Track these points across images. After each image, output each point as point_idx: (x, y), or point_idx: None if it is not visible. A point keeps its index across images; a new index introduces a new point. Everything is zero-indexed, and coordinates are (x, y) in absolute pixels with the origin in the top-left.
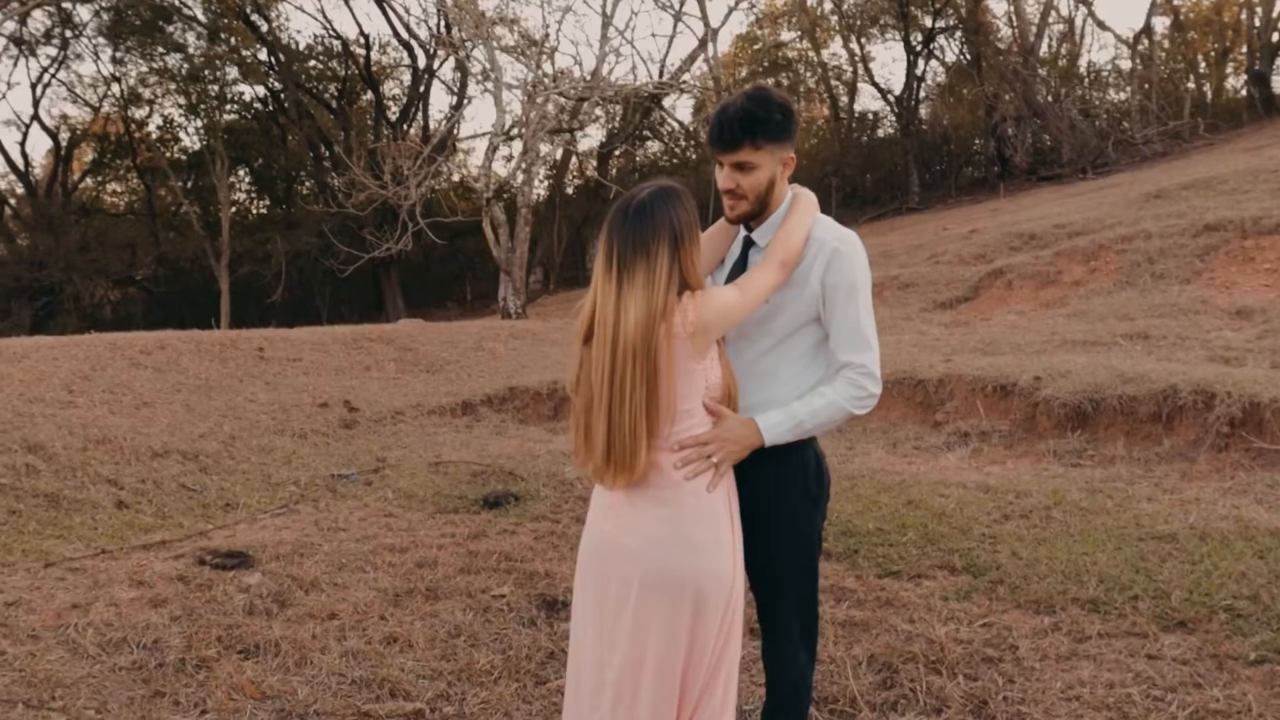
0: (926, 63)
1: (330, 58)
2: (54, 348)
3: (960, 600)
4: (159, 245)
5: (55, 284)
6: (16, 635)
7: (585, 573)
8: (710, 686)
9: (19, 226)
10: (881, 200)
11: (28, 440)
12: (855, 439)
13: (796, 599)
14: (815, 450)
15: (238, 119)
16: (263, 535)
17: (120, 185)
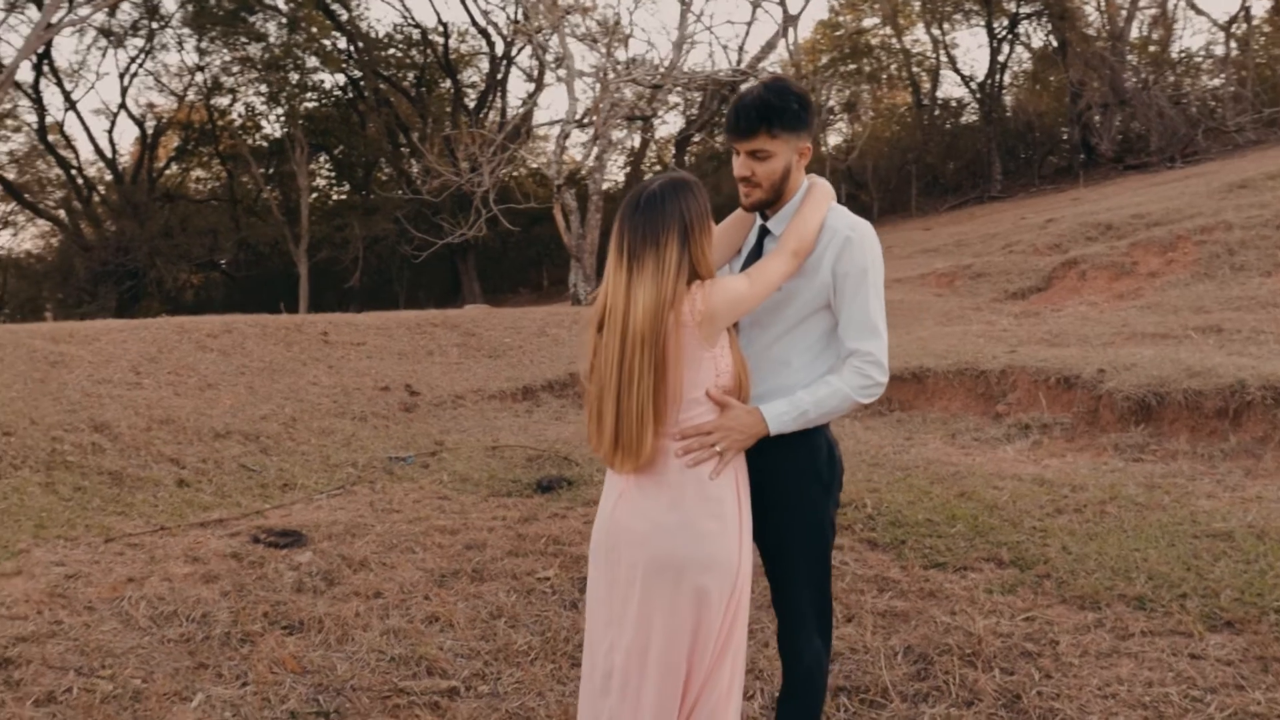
0: (1011, 49)
1: (409, 46)
2: (123, 330)
3: (1004, 594)
4: (240, 231)
5: (139, 268)
6: (74, 606)
7: (596, 557)
8: (716, 671)
9: (106, 212)
10: (963, 189)
11: (95, 420)
12: (914, 429)
13: (809, 585)
14: (827, 437)
15: (318, 106)
16: (318, 515)
17: (205, 172)
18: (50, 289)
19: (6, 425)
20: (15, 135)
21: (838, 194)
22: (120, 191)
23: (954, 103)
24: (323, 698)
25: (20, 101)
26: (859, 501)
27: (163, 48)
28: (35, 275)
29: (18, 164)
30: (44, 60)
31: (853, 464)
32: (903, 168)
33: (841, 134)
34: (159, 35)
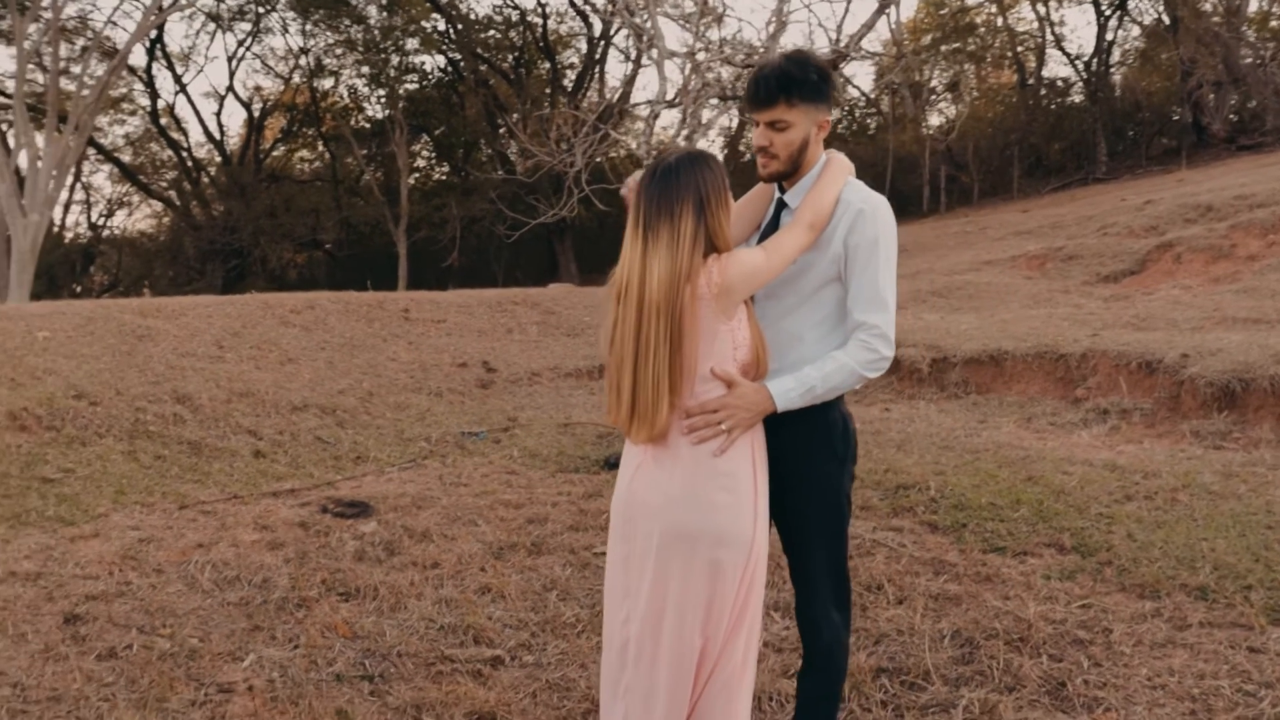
0: (1120, 25)
1: (508, 27)
2: (209, 306)
3: (1063, 580)
4: (341, 211)
5: (244, 247)
6: (143, 568)
7: (614, 530)
8: (730, 644)
9: (215, 193)
10: (1066, 170)
11: (177, 391)
12: (989, 412)
13: (826, 560)
14: (841, 411)
15: (419, 88)
16: (387, 487)
17: (309, 153)
18: (161, 267)
19: (93, 395)
20: (131, 119)
21: (938, 176)
22: (228, 172)
23: (1060, 82)
24: (369, 662)
25: (135, 86)
26: (922, 484)
27: (268, 31)
28: (147, 254)
29: (133, 146)
30: (156, 44)
31: (921, 446)
32: (1005, 149)
33: (943, 115)
34: (265, 19)
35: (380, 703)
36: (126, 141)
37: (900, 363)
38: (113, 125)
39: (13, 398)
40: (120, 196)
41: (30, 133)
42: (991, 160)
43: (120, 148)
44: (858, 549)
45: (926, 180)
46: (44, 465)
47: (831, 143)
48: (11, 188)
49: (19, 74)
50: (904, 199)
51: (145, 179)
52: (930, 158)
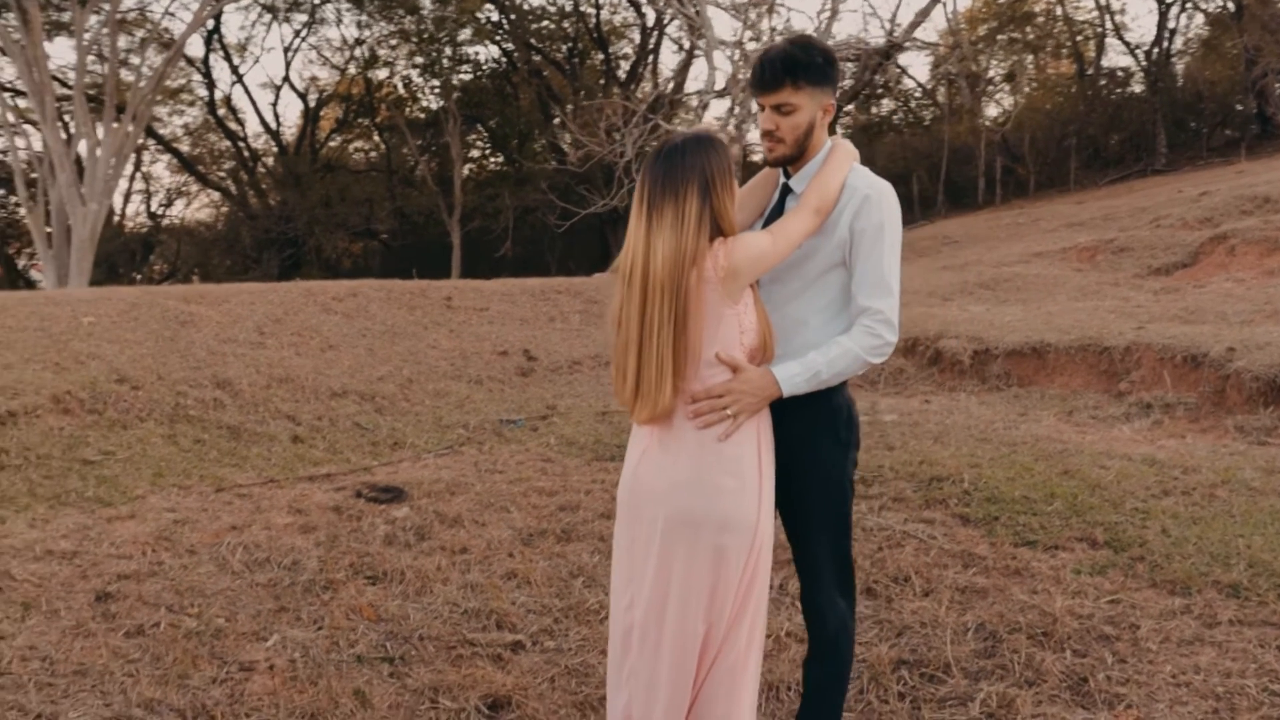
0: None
1: (561, 18)
2: (252, 293)
3: (1093, 574)
4: (395, 200)
5: (299, 236)
6: (176, 549)
7: (619, 514)
8: (735, 630)
9: (271, 183)
10: (1125, 162)
11: (218, 377)
12: (1030, 405)
13: (831, 546)
14: (846, 396)
15: (473, 79)
16: (422, 473)
17: (365, 143)
18: (218, 256)
19: (135, 380)
20: (190, 109)
21: (993, 167)
22: (283, 162)
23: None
24: (390, 644)
25: (193, 77)
26: (956, 476)
27: (323, 21)
28: (204, 243)
29: (191, 137)
30: (214, 35)
31: (958, 438)
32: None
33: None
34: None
35: (399, 684)
36: (185, 132)
37: (941, 354)
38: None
39: (57, 381)
40: (179, 186)
41: (90, 123)
42: (1048, 152)
43: (179, 138)
44: (887, 540)
45: (981, 172)
46: (85, 448)
47: (886, 133)
48: (71, 177)
49: (79, 65)
50: (958, 191)
51: (203, 169)
52: (986, 149)
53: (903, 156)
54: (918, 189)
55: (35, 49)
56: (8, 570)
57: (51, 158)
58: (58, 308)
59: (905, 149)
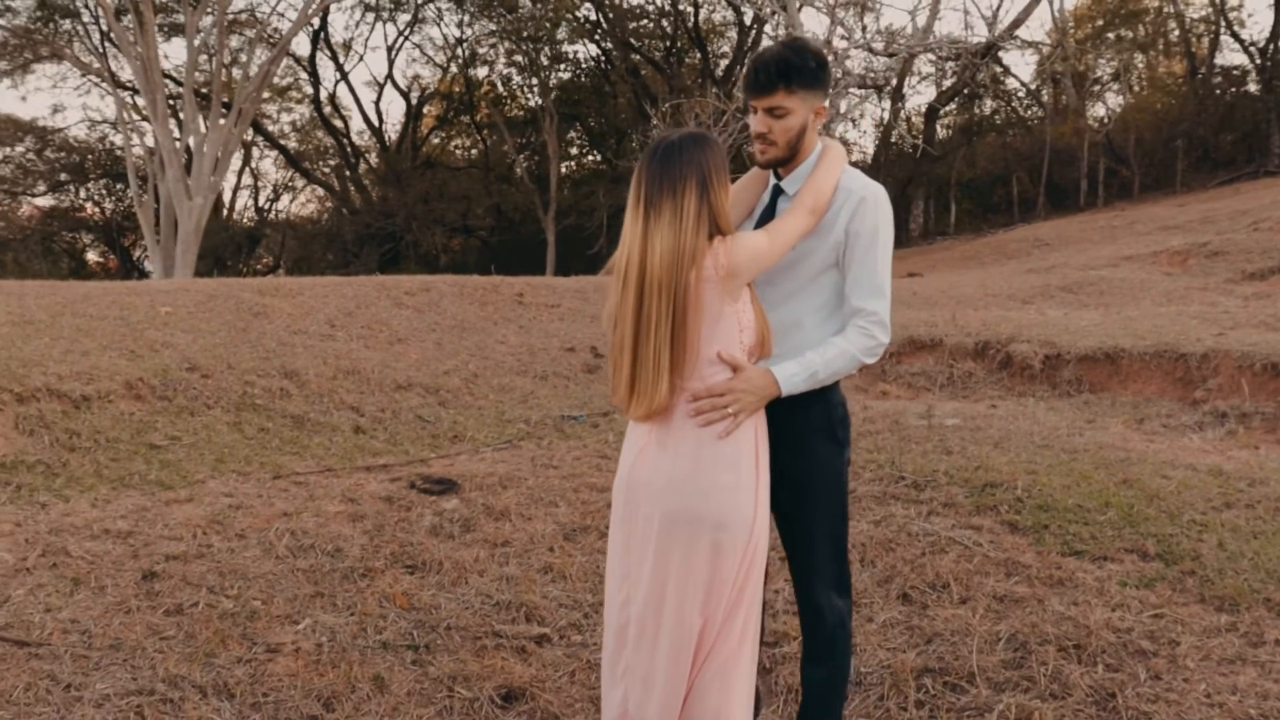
0: None
1: (660, 16)
2: (326, 287)
3: (1139, 587)
4: (491, 197)
5: (398, 231)
6: (227, 533)
7: (615, 512)
8: (728, 624)
9: (373, 179)
10: (1237, 163)
11: (286, 367)
12: (1099, 412)
13: (829, 542)
14: (840, 395)
15: (571, 78)
16: (478, 466)
17: (467, 139)
18: (320, 250)
19: (205, 369)
20: (298, 106)
21: (1095, 168)
22: (385, 159)
23: (1234, 70)
24: (417, 632)
25: (300, 75)
26: (1010, 483)
27: (424, 20)
28: (307, 236)
29: (299, 133)
30: (320, 34)
31: (1018, 444)
32: (1170, 141)
33: (1106, 105)
34: (423, 9)
35: (420, 672)
36: (293, 129)
37: (1012, 358)
38: (280, 113)
39: (130, 368)
40: (285, 181)
41: (197, 120)
42: (1155, 153)
43: (287, 135)
44: (931, 546)
45: (1084, 173)
46: (153, 432)
47: (986, 133)
48: (179, 173)
49: (189, 65)
50: (1060, 193)
51: (308, 165)
52: (1089, 150)
53: (1003, 157)
54: (1018, 190)
55: (149, 49)
56: (65, 547)
57: (161, 153)
58: (138, 297)
59: (1006, 150)
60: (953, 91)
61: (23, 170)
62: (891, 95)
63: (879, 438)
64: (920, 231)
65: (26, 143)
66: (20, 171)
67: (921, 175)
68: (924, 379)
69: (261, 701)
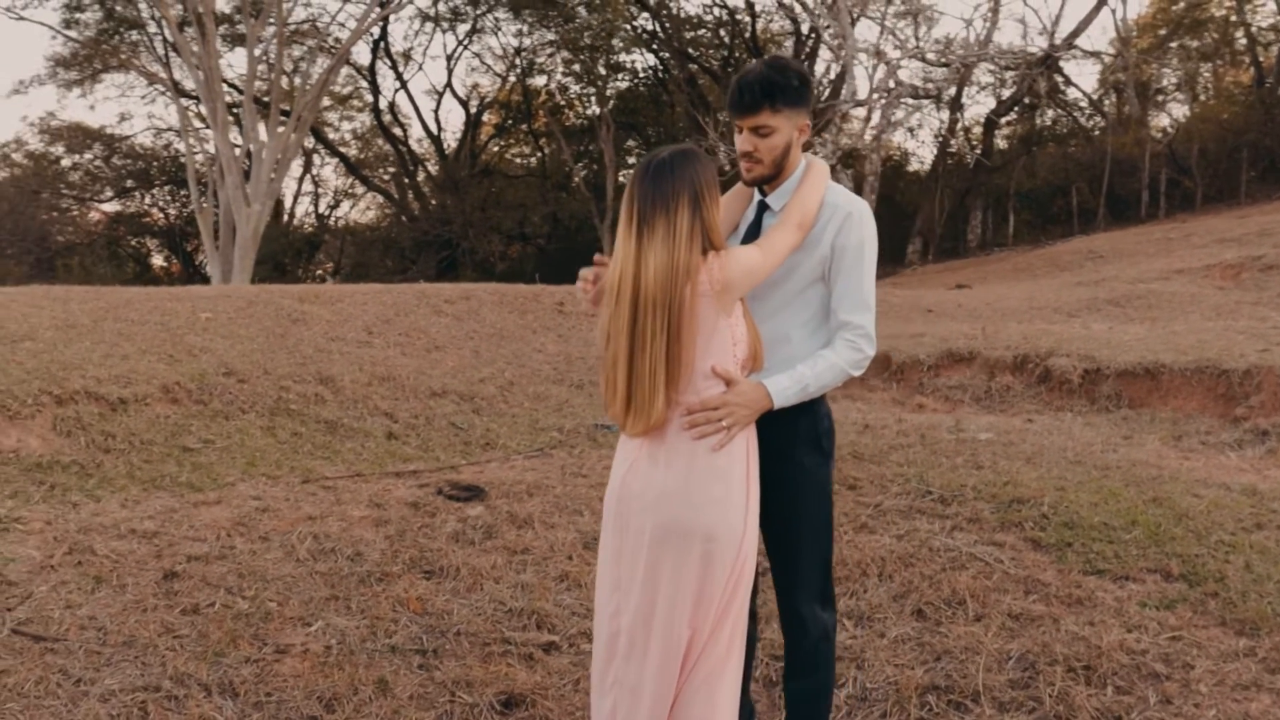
0: None
1: (718, 26)
2: (365, 294)
3: (1159, 609)
4: (548, 205)
5: (455, 239)
6: (250, 535)
7: (606, 523)
8: (715, 636)
9: (430, 186)
10: None
11: (321, 373)
12: (1136, 428)
13: (816, 553)
14: (826, 407)
15: (628, 87)
16: (507, 474)
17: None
18: (378, 256)
19: (242, 374)
20: (360, 115)
21: (1157, 179)
22: (443, 167)
23: None
24: (426, 637)
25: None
26: (1037, 499)
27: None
28: (366, 243)
29: (360, 141)
30: (379, 44)
31: (1050, 459)
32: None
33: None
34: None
35: (425, 676)
36: (354, 137)
37: (1050, 372)
38: (342, 121)
39: (168, 372)
40: (346, 188)
41: (257, 128)
42: (1219, 163)
43: (348, 142)
44: (951, 562)
45: (1145, 185)
46: (187, 435)
47: (1046, 143)
48: (238, 179)
49: (249, 74)
50: (1121, 204)
51: (368, 172)
52: (1151, 161)
53: (1063, 168)
54: (1077, 201)
55: (210, 59)
56: (91, 546)
57: (221, 161)
58: (179, 303)
59: (1067, 160)
60: (1012, 101)
61: (91, 176)
62: (950, 105)
63: (910, 451)
64: (978, 243)
65: (95, 150)
66: (88, 178)
67: (979, 185)
68: (961, 392)
69: (264, 701)
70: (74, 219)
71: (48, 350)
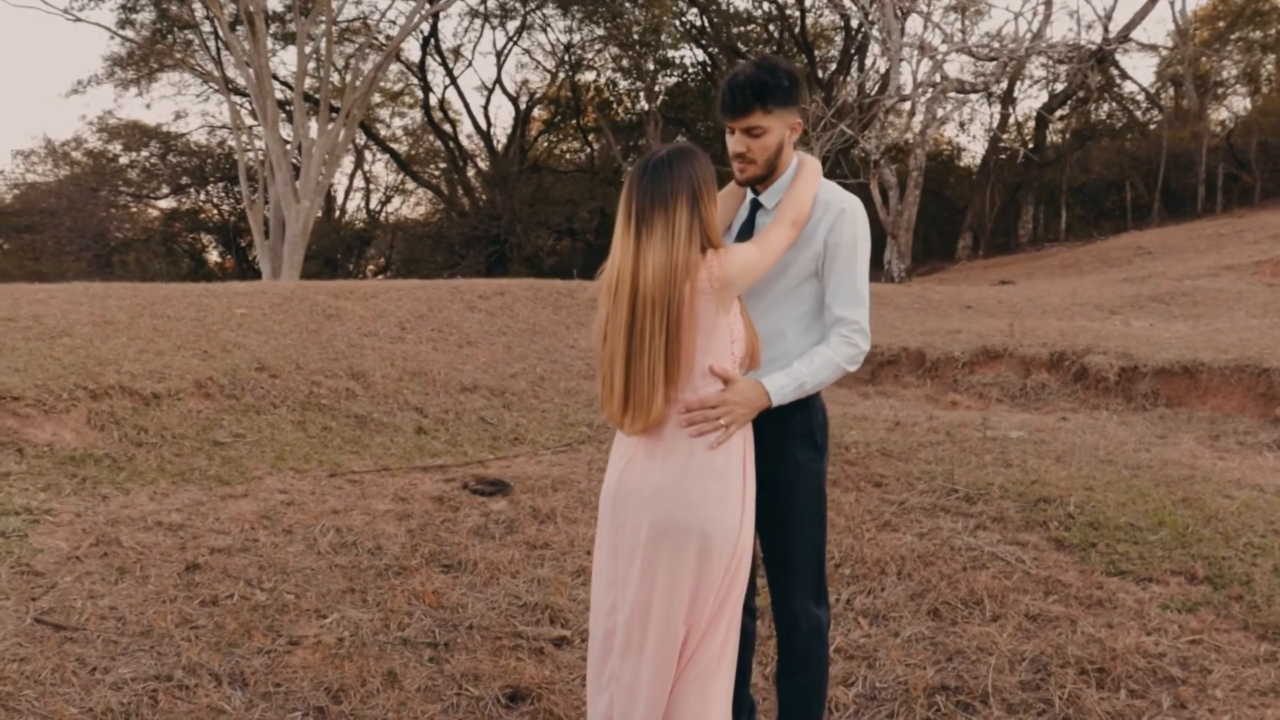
0: None
1: (767, 21)
2: (400, 290)
3: (1181, 611)
4: (596, 200)
5: (503, 234)
6: (274, 528)
7: (602, 520)
8: (710, 633)
9: (480, 182)
10: None
11: (353, 368)
12: (1172, 427)
13: (810, 548)
14: (820, 402)
15: (677, 83)
16: (534, 469)
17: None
18: (428, 251)
19: (274, 369)
20: (411, 111)
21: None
22: (493, 162)
23: None
24: (439, 630)
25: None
26: (1064, 498)
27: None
28: (416, 239)
29: (410, 137)
30: (430, 40)
31: (1081, 458)
32: None
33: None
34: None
35: (434, 669)
36: (405, 133)
37: (1087, 370)
38: (393, 118)
39: (201, 367)
40: (397, 184)
41: (307, 124)
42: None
43: (399, 139)
44: (972, 561)
45: (1202, 179)
46: (218, 429)
47: (1101, 138)
48: (287, 176)
49: (299, 71)
50: (1177, 199)
51: (418, 168)
52: (1208, 155)
53: (1118, 162)
54: (1132, 196)
55: (260, 57)
56: (117, 538)
57: (271, 157)
58: (215, 299)
59: (1121, 154)
60: (1064, 96)
61: (147, 174)
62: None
63: (938, 449)
64: (1029, 239)
65: (151, 147)
66: (145, 175)
67: (1031, 181)
68: (996, 389)
69: (272, 692)
70: (132, 216)
71: (84, 346)
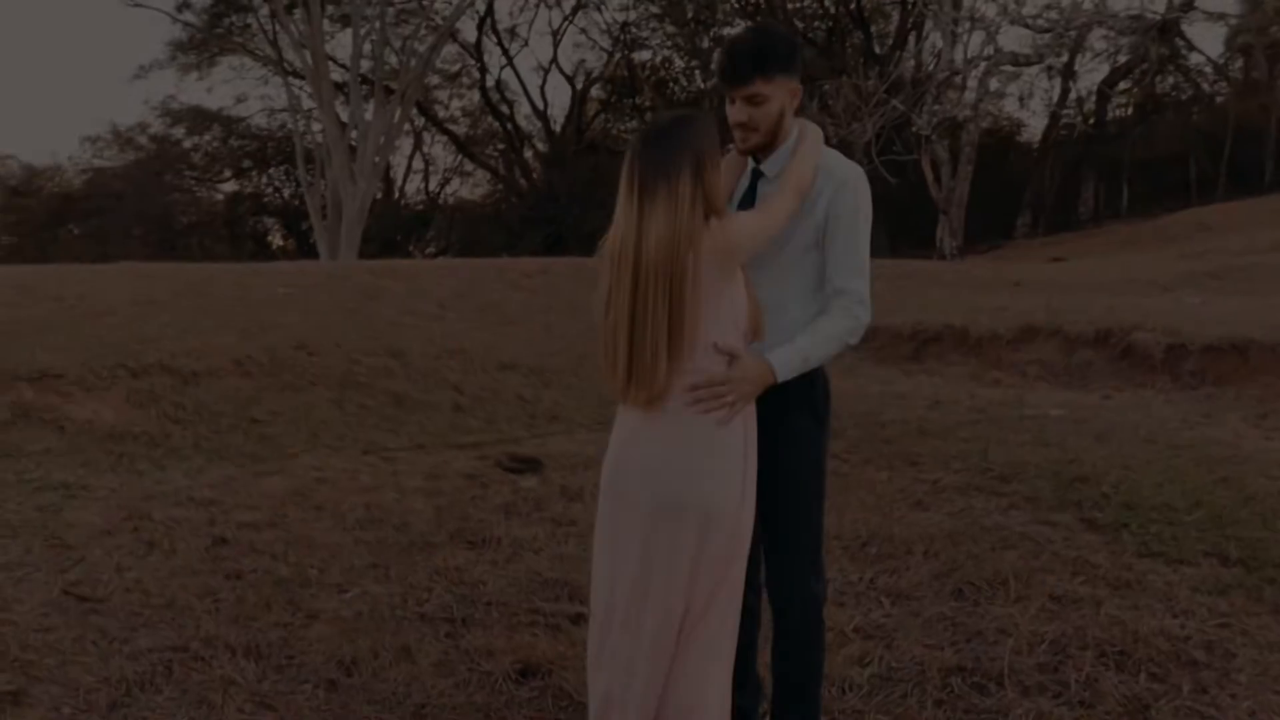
0: None
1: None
2: (442, 269)
3: (1211, 594)
4: None
5: (560, 214)
6: (304, 505)
7: (604, 494)
8: (710, 610)
9: (538, 163)
10: None
11: (392, 347)
12: (1218, 407)
13: (808, 521)
14: (823, 373)
15: None
16: (568, 446)
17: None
18: (486, 232)
19: (313, 347)
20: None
21: None
22: (550, 143)
23: None
24: (457, 606)
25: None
26: (1099, 478)
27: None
28: (474, 219)
29: (469, 118)
30: (485, 20)
31: (1121, 437)
32: None
33: None
34: None
35: (449, 644)
36: (463, 114)
37: (1132, 348)
38: (451, 99)
39: (241, 346)
40: (455, 166)
41: (363, 107)
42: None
43: (457, 120)
44: (1001, 541)
45: (1272, 152)
46: (255, 407)
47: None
48: (344, 158)
49: (354, 53)
50: (1243, 174)
51: (476, 149)
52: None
53: (1182, 136)
54: (1196, 171)
55: (315, 38)
56: (149, 513)
57: (328, 140)
58: (259, 278)
59: (1186, 128)
60: (1126, 68)
61: (210, 158)
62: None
63: (976, 427)
64: (1090, 215)
65: (214, 131)
66: (208, 159)
67: (1092, 155)
68: (1039, 367)
69: (286, 664)
70: (196, 200)
71: (126, 325)
